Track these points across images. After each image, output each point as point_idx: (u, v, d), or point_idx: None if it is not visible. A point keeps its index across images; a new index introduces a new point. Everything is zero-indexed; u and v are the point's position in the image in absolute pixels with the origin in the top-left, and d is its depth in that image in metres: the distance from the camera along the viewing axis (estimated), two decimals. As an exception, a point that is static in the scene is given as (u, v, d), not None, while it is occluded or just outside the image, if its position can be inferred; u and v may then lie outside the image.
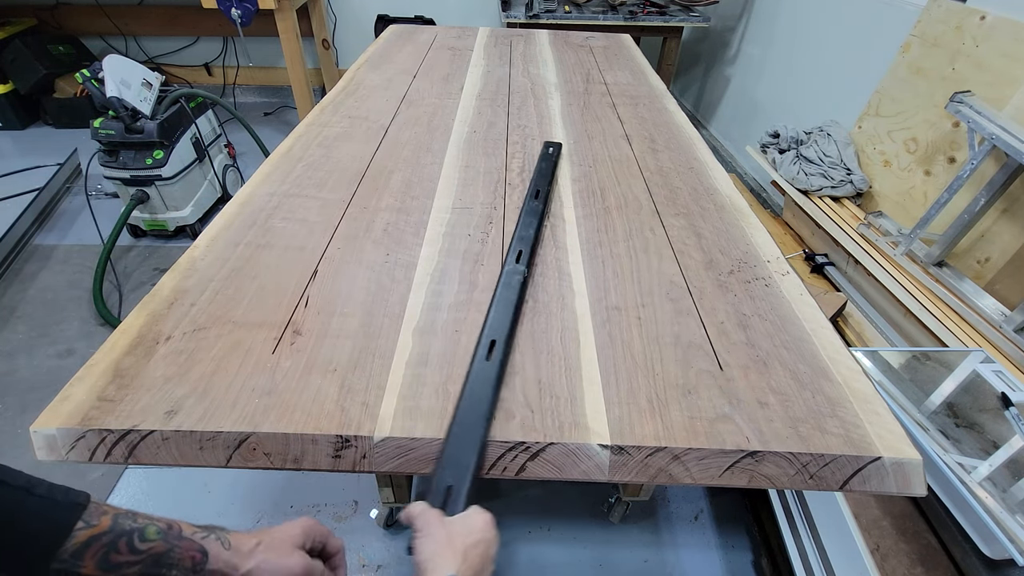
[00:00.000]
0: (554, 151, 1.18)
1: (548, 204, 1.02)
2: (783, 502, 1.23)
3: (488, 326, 0.72)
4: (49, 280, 2.14)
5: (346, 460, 0.60)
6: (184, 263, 0.82)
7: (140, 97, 2.07)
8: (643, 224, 0.98)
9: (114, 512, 0.43)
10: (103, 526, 0.41)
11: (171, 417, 0.60)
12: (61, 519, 0.40)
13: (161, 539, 0.44)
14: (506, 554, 1.34)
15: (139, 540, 0.43)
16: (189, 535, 0.46)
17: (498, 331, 0.71)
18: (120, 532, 0.42)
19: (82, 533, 0.40)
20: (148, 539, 0.43)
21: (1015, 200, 1.45)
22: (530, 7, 2.82)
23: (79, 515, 0.41)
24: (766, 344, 0.73)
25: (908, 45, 1.80)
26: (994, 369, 1.15)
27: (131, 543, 0.42)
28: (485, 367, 0.66)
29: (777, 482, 0.60)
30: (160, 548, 0.44)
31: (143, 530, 0.43)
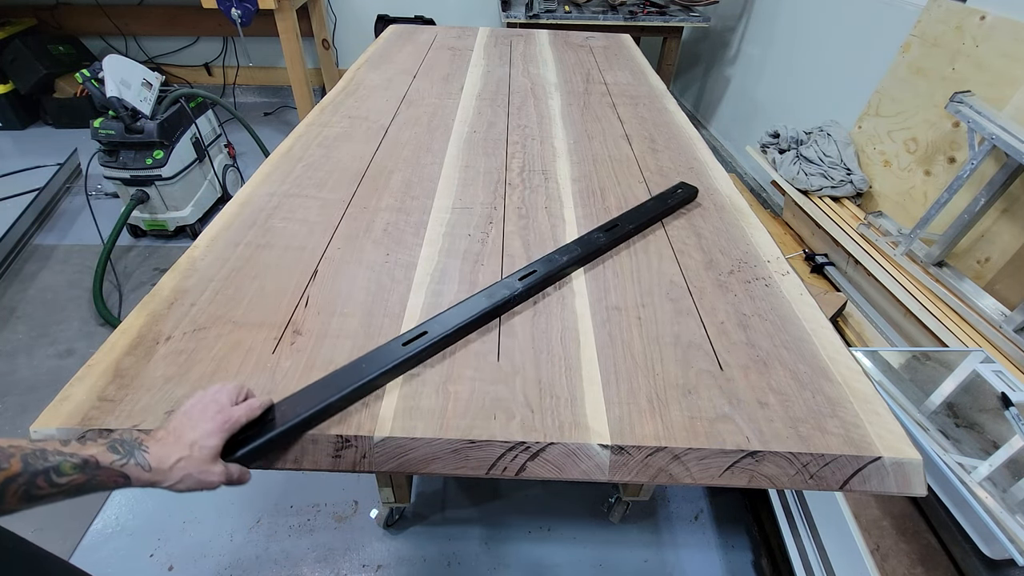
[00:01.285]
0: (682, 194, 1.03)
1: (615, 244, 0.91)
2: (783, 502, 1.23)
3: (436, 318, 0.72)
4: (49, 280, 2.13)
5: (346, 460, 0.60)
6: (184, 263, 0.82)
7: (140, 97, 2.07)
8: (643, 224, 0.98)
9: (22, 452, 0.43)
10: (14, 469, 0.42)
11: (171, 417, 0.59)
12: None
13: (79, 472, 0.45)
14: (506, 554, 1.35)
15: (56, 475, 0.44)
16: (107, 464, 0.46)
17: (438, 326, 0.70)
18: (34, 472, 0.43)
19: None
20: (65, 474, 0.44)
21: (1015, 200, 1.45)
22: (530, 7, 2.82)
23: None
24: (766, 344, 0.73)
25: (908, 45, 1.80)
26: (994, 369, 1.15)
27: (49, 479, 0.43)
28: (395, 349, 0.66)
29: (777, 482, 0.60)
30: (80, 480, 0.45)
31: (58, 467, 0.44)
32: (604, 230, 0.92)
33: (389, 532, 1.38)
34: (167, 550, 1.32)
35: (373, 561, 1.32)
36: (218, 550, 1.33)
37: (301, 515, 1.41)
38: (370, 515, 1.41)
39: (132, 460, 0.48)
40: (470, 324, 0.72)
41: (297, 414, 0.58)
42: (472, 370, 0.67)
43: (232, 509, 1.41)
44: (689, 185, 1.06)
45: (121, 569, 1.29)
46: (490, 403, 0.63)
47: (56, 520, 1.37)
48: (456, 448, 0.60)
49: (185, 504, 1.41)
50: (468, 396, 0.64)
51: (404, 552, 1.34)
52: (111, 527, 1.37)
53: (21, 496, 0.42)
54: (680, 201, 1.03)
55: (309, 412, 0.58)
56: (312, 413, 0.58)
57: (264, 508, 1.42)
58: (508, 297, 0.76)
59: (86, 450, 0.46)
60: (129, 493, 1.44)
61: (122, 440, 0.49)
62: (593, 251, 0.87)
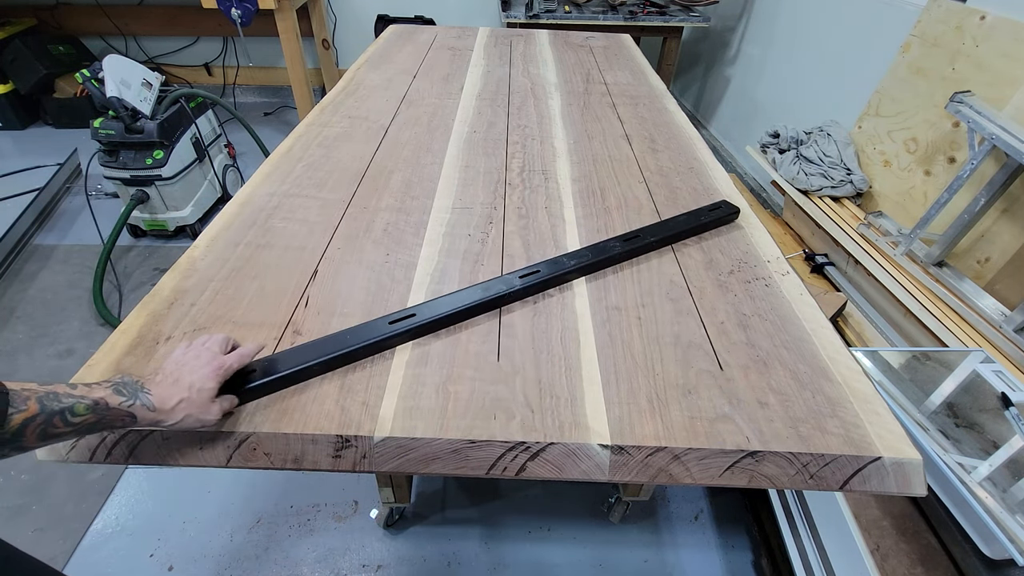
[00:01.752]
0: (719, 212, 0.98)
1: (631, 256, 0.89)
2: (783, 502, 1.23)
3: (427, 303, 0.74)
4: (49, 280, 2.13)
5: (346, 460, 0.60)
6: (184, 263, 0.82)
7: (140, 97, 2.07)
8: (643, 224, 0.98)
9: (36, 395, 0.46)
10: (32, 410, 0.45)
11: (171, 417, 0.60)
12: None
13: (91, 413, 0.48)
14: (506, 554, 1.35)
15: (71, 416, 0.47)
16: (116, 405, 0.50)
17: (427, 311, 0.72)
18: (51, 413, 0.46)
19: (15, 418, 0.44)
20: (79, 414, 0.47)
21: (1015, 200, 1.45)
22: (530, 7, 2.82)
23: (5, 403, 0.44)
24: (766, 344, 0.73)
25: (908, 45, 1.80)
26: (994, 369, 1.15)
27: (64, 419, 0.47)
28: (380, 327, 0.69)
29: (777, 482, 0.60)
30: (91, 419, 0.48)
31: (72, 407, 0.47)
32: (622, 240, 0.89)
33: (389, 532, 1.38)
34: (167, 550, 1.32)
35: (373, 561, 1.32)
36: (218, 550, 1.33)
37: (301, 515, 1.41)
38: (370, 515, 1.41)
39: (137, 401, 0.51)
40: (461, 313, 0.73)
41: (277, 370, 0.63)
42: (472, 370, 0.67)
43: (232, 509, 1.41)
44: (731, 204, 1.00)
45: (121, 569, 1.29)
46: (490, 403, 0.63)
47: (56, 520, 1.37)
48: (456, 448, 0.60)
49: (185, 504, 1.41)
50: (468, 396, 0.64)
51: (404, 552, 1.34)
52: (111, 527, 1.37)
53: (39, 435, 0.46)
54: (715, 220, 0.96)
55: (290, 370, 0.63)
56: (293, 371, 0.63)
57: (264, 508, 1.42)
58: (504, 292, 0.76)
59: (93, 393, 0.49)
60: (129, 493, 1.44)
61: (124, 383, 0.52)
62: (604, 260, 0.85)
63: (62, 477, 1.46)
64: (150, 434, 0.59)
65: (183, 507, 1.41)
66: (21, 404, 0.44)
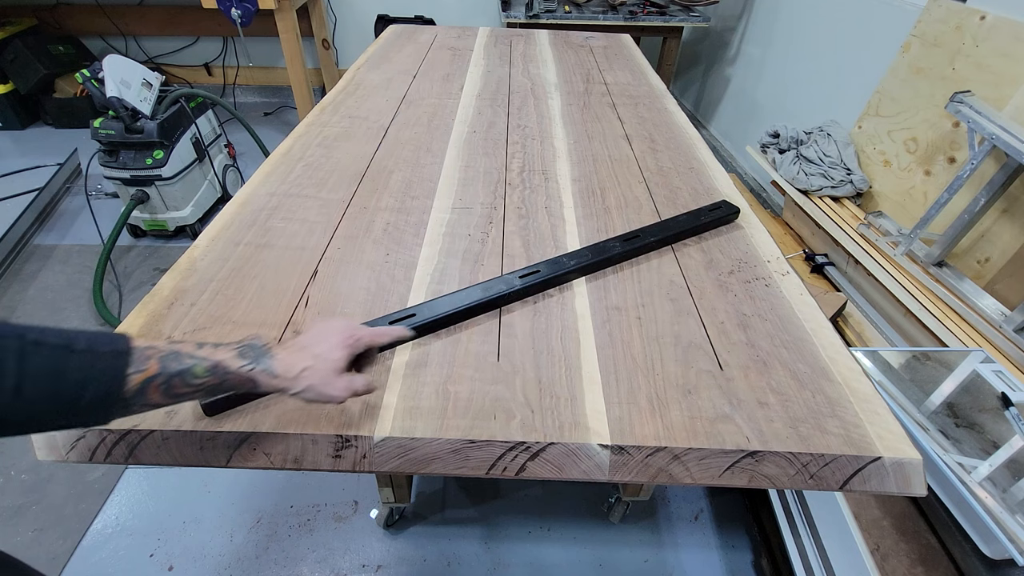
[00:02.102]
0: (720, 212, 0.98)
1: (631, 256, 0.88)
2: (783, 502, 1.23)
3: (427, 303, 0.74)
4: (49, 280, 2.14)
5: (346, 460, 0.60)
6: (184, 263, 0.82)
7: (140, 97, 2.07)
8: (643, 224, 0.98)
9: (159, 355, 0.45)
10: (152, 370, 0.45)
11: (171, 417, 0.60)
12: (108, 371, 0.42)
13: (210, 375, 0.47)
14: (506, 554, 1.35)
15: (192, 378, 0.46)
16: (236, 368, 0.48)
17: (427, 311, 0.72)
18: (171, 374, 0.45)
19: (135, 377, 0.44)
20: (198, 376, 0.47)
21: (1015, 200, 1.45)
22: (530, 7, 2.82)
23: (125, 363, 0.43)
24: (766, 344, 0.73)
25: (908, 45, 1.80)
26: (994, 369, 1.15)
27: (185, 380, 0.46)
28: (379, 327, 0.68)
29: (777, 482, 0.60)
30: (212, 381, 0.48)
31: (191, 369, 0.46)
32: (622, 240, 0.89)
33: (389, 532, 1.38)
34: (167, 550, 1.32)
35: (373, 561, 1.32)
36: (218, 550, 1.33)
37: (301, 515, 1.41)
38: (370, 515, 1.41)
39: (259, 366, 0.50)
40: (461, 313, 0.73)
41: None
42: (472, 370, 0.67)
43: (232, 509, 1.41)
44: (731, 204, 1.00)
45: (121, 569, 1.29)
46: (490, 403, 0.63)
47: (56, 520, 1.37)
48: (456, 448, 0.60)
49: (185, 504, 1.41)
50: (468, 396, 0.64)
51: (404, 552, 1.34)
52: (111, 527, 1.37)
53: (164, 393, 0.46)
54: (715, 220, 0.96)
55: None
56: None
57: (264, 508, 1.42)
58: (504, 292, 0.76)
59: (217, 354, 0.48)
60: (129, 493, 1.44)
61: (251, 345, 0.51)
62: (603, 260, 0.85)
63: (62, 477, 1.46)
64: (150, 434, 0.59)
65: (183, 507, 1.41)
66: (142, 364, 0.44)
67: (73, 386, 0.41)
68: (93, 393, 0.42)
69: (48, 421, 0.42)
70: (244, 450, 0.60)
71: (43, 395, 0.40)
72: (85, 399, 0.42)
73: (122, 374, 0.43)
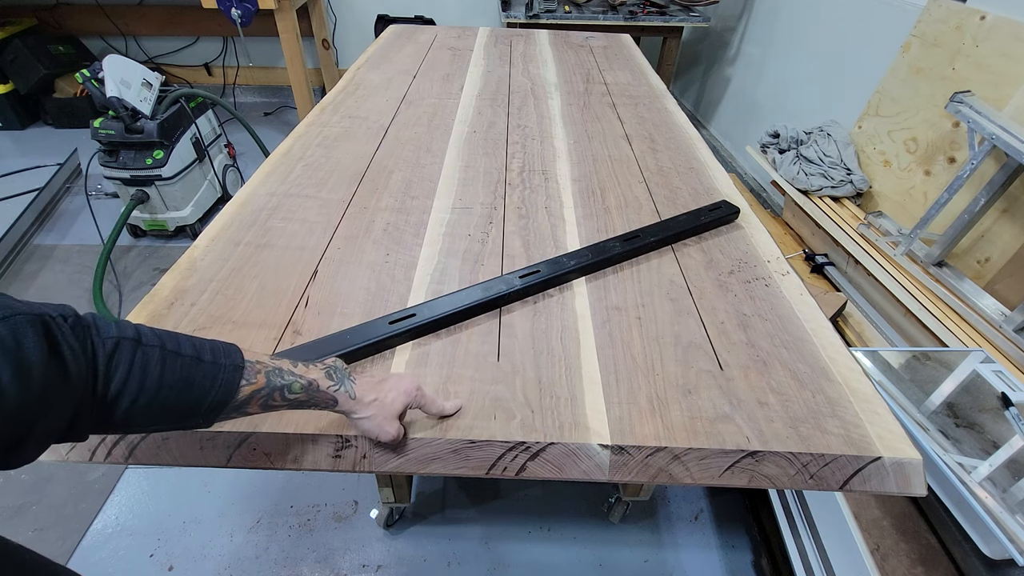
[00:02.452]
0: (720, 212, 0.98)
1: (631, 256, 0.89)
2: (783, 502, 1.23)
3: (427, 303, 0.75)
4: (49, 280, 2.13)
5: (346, 460, 0.60)
6: (184, 263, 0.82)
7: (140, 97, 2.07)
8: (643, 224, 0.98)
9: (265, 370, 0.50)
10: (260, 383, 0.49)
11: (171, 417, 0.59)
12: (228, 382, 0.47)
13: (303, 392, 0.51)
14: (506, 554, 1.35)
15: (288, 393, 0.51)
16: (325, 388, 0.53)
17: (427, 311, 0.73)
18: (273, 387, 0.50)
19: (245, 389, 0.48)
20: (295, 392, 0.51)
21: (1015, 200, 1.45)
22: (530, 7, 2.82)
23: (241, 375, 0.48)
24: (766, 344, 0.73)
25: (908, 45, 1.80)
26: (994, 369, 1.15)
27: (283, 394, 0.50)
28: (380, 326, 0.70)
29: (777, 482, 0.60)
30: (303, 398, 0.52)
31: (290, 386, 0.51)
32: (622, 240, 0.89)
33: (389, 532, 1.38)
34: (167, 550, 1.32)
35: (373, 561, 1.32)
36: (218, 550, 1.33)
37: (301, 515, 1.41)
38: (370, 515, 1.41)
39: (343, 388, 0.54)
40: (461, 313, 0.73)
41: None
42: (472, 370, 0.67)
43: (232, 509, 1.41)
44: (731, 204, 1.00)
45: (121, 569, 1.29)
46: (490, 403, 0.63)
47: (56, 520, 1.37)
48: (456, 448, 0.60)
49: (185, 504, 1.41)
50: (468, 396, 0.64)
51: (404, 552, 1.34)
52: (111, 527, 1.37)
53: (261, 404, 0.49)
54: (715, 220, 0.96)
55: None
56: None
57: (264, 508, 1.42)
58: (504, 292, 0.76)
59: (309, 373, 0.52)
60: (129, 493, 1.44)
61: (335, 368, 0.55)
62: (603, 260, 0.85)
63: (62, 477, 1.46)
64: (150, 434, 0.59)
65: (183, 507, 1.41)
66: (252, 377, 0.48)
67: (198, 393, 0.45)
68: (212, 401, 0.46)
69: (170, 423, 0.46)
70: (244, 450, 0.60)
71: (175, 401, 0.44)
72: (204, 405, 0.46)
73: (237, 385, 0.47)
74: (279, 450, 0.60)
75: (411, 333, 0.70)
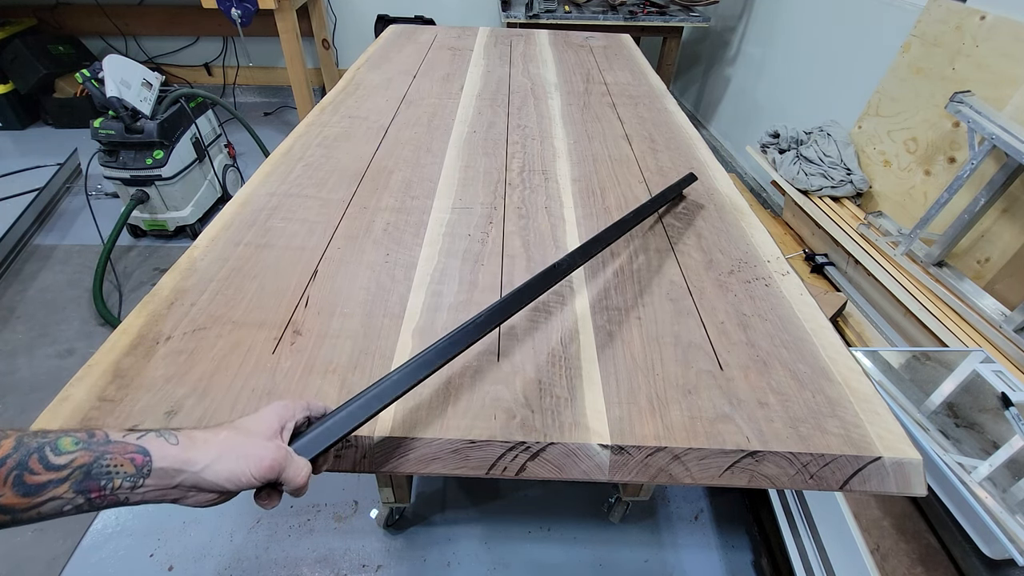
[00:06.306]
0: (683, 180, 1.06)
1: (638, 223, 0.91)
2: (783, 502, 1.23)
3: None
4: (49, 280, 2.13)
5: (346, 460, 0.60)
6: (184, 263, 0.82)
7: (140, 97, 2.07)
8: (643, 224, 0.98)
9: (18, 433, 0.36)
10: (5, 448, 0.35)
11: (171, 417, 0.60)
12: None
13: (82, 448, 0.37)
14: (506, 554, 1.35)
15: (53, 454, 0.36)
16: (119, 438, 0.38)
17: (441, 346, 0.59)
18: (28, 450, 0.35)
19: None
20: (64, 451, 0.36)
21: (1015, 200, 1.45)
22: (530, 7, 2.82)
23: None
24: (766, 344, 0.73)
25: (908, 45, 1.80)
26: (994, 369, 1.15)
27: (44, 459, 0.35)
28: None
29: (777, 482, 0.60)
30: (84, 459, 0.37)
31: (55, 443, 0.36)
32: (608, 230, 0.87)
33: (389, 532, 1.38)
34: (167, 550, 1.32)
35: (373, 561, 1.32)
36: (218, 550, 1.33)
37: (301, 515, 1.41)
38: (370, 515, 1.41)
39: (154, 433, 0.40)
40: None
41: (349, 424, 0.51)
42: (472, 370, 0.67)
43: (232, 509, 1.41)
44: (693, 176, 1.09)
45: (121, 569, 1.29)
46: (490, 403, 0.63)
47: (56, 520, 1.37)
48: (456, 448, 0.60)
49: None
50: (468, 396, 0.64)
51: (404, 552, 1.34)
52: (111, 527, 1.37)
53: (14, 483, 0.35)
54: (679, 183, 1.03)
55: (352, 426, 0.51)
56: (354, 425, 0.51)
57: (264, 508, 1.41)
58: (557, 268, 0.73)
59: (100, 429, 0.39)
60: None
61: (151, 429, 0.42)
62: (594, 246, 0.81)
63: (62, 477, 1.46)
64: (150, 434, 0.59)
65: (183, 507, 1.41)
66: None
67: None
68: None
69: None
70: (244, 450, 0.60)
71: None
72: None
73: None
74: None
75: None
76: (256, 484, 0.43)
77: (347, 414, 0.51)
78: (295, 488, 0.45)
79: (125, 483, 0.38)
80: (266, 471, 0.42)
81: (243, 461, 0.41)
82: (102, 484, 0.37)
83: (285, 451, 0.43)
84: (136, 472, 0.38)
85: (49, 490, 0.36)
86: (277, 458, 0.42)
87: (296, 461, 0.44)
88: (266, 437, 0.43)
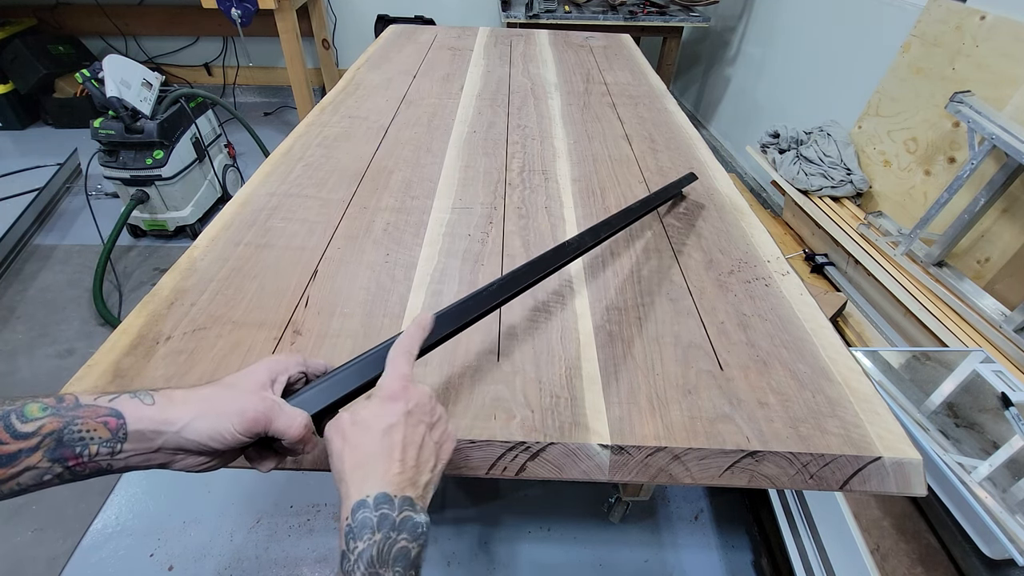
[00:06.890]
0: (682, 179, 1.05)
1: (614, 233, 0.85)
2: (783, 502, 1.23)
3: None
4: (49, 280, 2.13)
5: (346, 460, 0.60)
6: (184, 263, 0.82)
7: (140, 97, 2.07)
8: (643, 224, 0.98)
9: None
10: None
11: (171, 417, 0.59)
12: None
13: (50, 414, 0.34)
14: (506, 554, 1.35)
15: (19, 422, 0.33)
16: (90, 401, 0.36)
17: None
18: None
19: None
20: (31, 418, 0.34)
21: (1015, 200, 1.45)
22: (530, 7, 2.82)
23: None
24: (766, 344, 0.73)
25: (908, 45, 1.80)
26: (994, 369, 1.15)
27: (10, 427, 0.33)
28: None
29: (777, 482, 0.60)
30: (54, 424, 0.34)
31: (21, 410, 0.34)
32: (616, 216, 0.86)
33: (389, 532, 1.38)
34: (167, 550, 1.32)
35: (373, 561, 1.32)
36: (218, 550, 1.33)
37: (301, 515, 1.41)
38: (370, 515, 1.41)
39: (127, 395, 0.37)
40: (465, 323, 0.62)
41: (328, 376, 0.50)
42: (472, 370, 0.67)
43: (232, 509, 1.41)
44: (694, 175, 1.09)
45: (121, 569, 1.29)
46: (490, 403, 0.63)
47: (56, 520, 1.37)
48: (456, 448, 0.59)
49: (185, 504, 1.41)
50: (468, 396, 0.64)
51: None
52: (111, 527, 1.37)
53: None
54: (682, 180, 1.03)
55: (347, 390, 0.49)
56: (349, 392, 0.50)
57: (264, 508, 1.42)
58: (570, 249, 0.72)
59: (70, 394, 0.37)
60: (129, 493, 1.44)
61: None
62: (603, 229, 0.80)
63: (62, 477, 1.46)
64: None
65: (183, 507, 1.41)
66: None
67: None
68: None
69: None
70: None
71: None
72: None
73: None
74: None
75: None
76: (243, 439, 0.39)
77: (353, 370, 0.48)
78: (291, 440, 0.41)
79: (103, 449, 0.36)
80: (250, 423, 0.39)
81: (225, 416, 0.38)
82: (78, 451, 0.35)
83: (272, 402, 0.40)
84: (112, 436, 0.36)
85: (22, 459, 0.33)
86: (261, 409, 0.39)
87: (287, 412, 0.41)
88: (250, 390, 0.40)
